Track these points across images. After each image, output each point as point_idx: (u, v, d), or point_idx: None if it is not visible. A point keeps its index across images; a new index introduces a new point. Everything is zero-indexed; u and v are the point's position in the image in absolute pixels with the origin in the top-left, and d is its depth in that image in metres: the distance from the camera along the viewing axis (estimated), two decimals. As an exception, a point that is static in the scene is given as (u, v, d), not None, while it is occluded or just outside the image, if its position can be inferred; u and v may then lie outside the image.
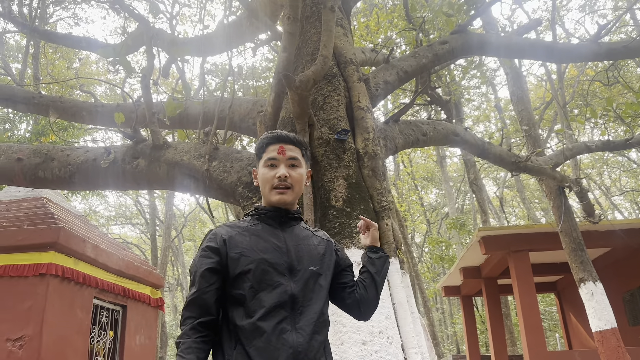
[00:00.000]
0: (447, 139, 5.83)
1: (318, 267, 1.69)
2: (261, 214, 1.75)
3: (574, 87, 20.16)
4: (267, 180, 1.74)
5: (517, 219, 32.55)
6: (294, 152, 1.78)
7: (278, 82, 4.03)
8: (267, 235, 1.68)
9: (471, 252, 11.56)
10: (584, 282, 7.40)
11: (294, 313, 1.57)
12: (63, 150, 4.80)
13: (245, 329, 1.52)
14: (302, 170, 1.79)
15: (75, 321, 4.88)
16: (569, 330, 13.96)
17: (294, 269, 1.63)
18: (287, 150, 1.76)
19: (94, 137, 25.63)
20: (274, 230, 1.71)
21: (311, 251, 1.71)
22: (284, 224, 1.74)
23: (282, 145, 1.76)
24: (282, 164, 1.74)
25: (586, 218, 8.80)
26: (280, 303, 1.55)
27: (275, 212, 1.73)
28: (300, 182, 1.77)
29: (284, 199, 1.71)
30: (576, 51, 5.45)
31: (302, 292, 1.60)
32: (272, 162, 1.75)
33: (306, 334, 1.55)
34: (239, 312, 1.56)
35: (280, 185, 1.71)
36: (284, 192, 1.71)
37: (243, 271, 1.58)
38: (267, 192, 1.74)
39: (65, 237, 4.76)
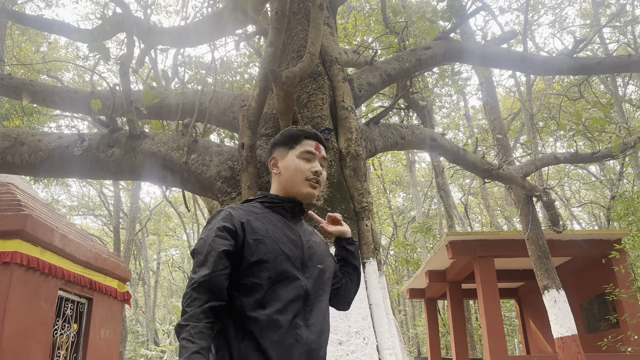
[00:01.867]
0: (425, 143, 5.89)
1: (324, 265, 1.68)
2: (275, 203, 1.70)
3: (541, 100, 20.77)
4: (301, 171, 1.71)
5: (481, 226, 33.24)
6: (325, 154, 1.82)
7: (263, 77, 3.98)
8: (283, 226, 1.65)
9: (438, 256, 11.73)
10: (548, 289, 7.60)
11: (306, 309, 1.54)
12: (34, 135, 4.63)
13: (260, 321, 1.44)
14: (325, 174, 1.82)
15: (39, 312, 4.71)
16: (527, 335, 14.33)
17: (306, 264, 1.61)
18: (322, 149, 1.79)
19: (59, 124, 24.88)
20: (287, 222, 1.68)
21: (319, 247, 1.71)
22: (294, 216, 1.72)
23: (319, 144, 1.79)
24: (317, 160, 1.76)
25: (551, 227, 9.05)
26: (296, 297, 1.52)
27: (291, 204, 1.70)
28: (324, 184, 1.85)
29: (314, 193, 1.72)
30: (553, 64, 5.59)
31: (313, 289, 1.59)
32: (309, 156, 1.74)
33: (317, 330, 1.54)
34: (250, 302, 1.48)
35: (314, 179, 1.71)
36: (316, 186, 1.72)
37: (261, 260, 1.51)
38: (297, 182, 1.70)
39: (32, 225, 4.59)
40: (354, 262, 1.85)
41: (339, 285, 1.81)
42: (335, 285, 1.80)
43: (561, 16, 21.54)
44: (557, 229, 8.79)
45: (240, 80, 13.28)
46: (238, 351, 1.42)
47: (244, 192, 3.95)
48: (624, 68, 5.78)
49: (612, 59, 5.53)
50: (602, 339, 9.51)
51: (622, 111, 18.23)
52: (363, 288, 3.72)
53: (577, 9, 22.70)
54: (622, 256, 9.37)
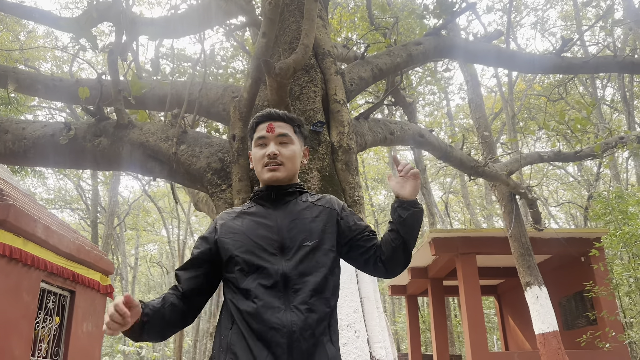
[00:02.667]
0: (413, 139, 5.91)
1: (315, 241, 1.61)
2: (255, 195, 1.73)
3: (522, 100, 21.06)
4: (257, 159, 1.70)
5: (460, 224, 33.61)
6: (284, 128, 1.72)
7: (256, 67, 3.94)
8: (259, 217, 1.66)
9: (421, 253, 11.81)
10: (530, 285, 7.71)
11: (288, 292, 1.52)
12: (18, 122, 4.51)
13: (241, 311, 1.51)
14: (294, 147, 1.73)
15: (20, 305, 4.59)
16: (506, 332, 14.54)
17: (286, 246, 1.59)
18: (276, 127, 1.71)
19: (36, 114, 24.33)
20: (266, 210, 1.68)
21: (306, 225, 1.63)
22: (277, 202, 1.69)
23: (272, 122, 1.71)
24: (271, 142, 1.69)
25: (533, 225, 9.18)
26: (272, 283, 1.52)
27: (267, 191, 1.70)
28: (292, 159, 1.70)
29: (275, 175, 1.66)
30: (541, 62, 5.65)
31: (295, 270, 1.55)
32: (262, 142, 1.71)
33: (301, 312, 1.50)
34: (235, 294, 1.57)
35: (270, 162, 1.66)
36: (276, 168, 1.66)
37: (232, 255, 1.59)
38: (259, 171, 1.70)
39: (15, 215, 4.47)
40: (401, 231, 1.60)
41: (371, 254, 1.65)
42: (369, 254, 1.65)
43: (543, 17, 21.85)
44: (539, 226, 8.93)
45: (224, 74, 13.16)
46: (227, 340, 1.52)
47: (234, 184, 3.91)
48: (609, 68, 5.88)
49: (598, 59, 5.62)
50: (580, 335, 9.70)
51: (601, 113, 18.60)
52: (354, 281, 3.72)
53: (558, 11, 23.06)
54: (601, 254, 9.56)
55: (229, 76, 12.40)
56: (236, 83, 10.67)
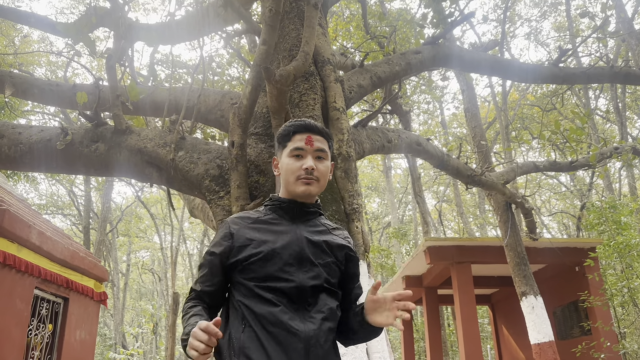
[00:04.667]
0: (410, 147, 5.91)
1: (327, 260, 1.63)
2: (275, 205, 1.68)
3: (515, 110, 21.19)
4: (292, 171, 1.64)
5: (453, 233, 33.67)
6: (322, 143, 1.69)
7: (256, 74, 3.93)
8: (277, 225, 1.64)
9: (415, 261, 11.79)
10: (526, 295, 7.70)
11: (304, 303, 1.54)
12: (14, 127, 4.47)
13: (256, 313, 1.50)
14: (328, 162, 1.70)
15: (13, 312, 4.51)
16: (500, 342, 14.51)
17: (304, 259, 1.58)
18: (315, 141, 1.67)
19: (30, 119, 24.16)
20: (284, 222, 1.65)
21: (322, 246, 1.64)
22: (297, 217, 1.66)
23: (310, 135, 1.67)
24: (309, 155, 1.65)
25: (527, 234, 9.20)
26: (289, 293, 1.53)
27: (290, 205, 1.66)
28: (326, 176, 1.68)
29: (309, 190, 1.63)
30: (537, 72, 5.68)
31: (310, 282, 1.56)
32: (298, 153, 1.66)
33: (317, 321, 1.53)
34: (248, 298, 1.55)
35: (306, 176, 1.63)
36: (310, 182, 1.63)
37: (251, 263, 1.56)
38: (291, 183, 1.65)
39: (9, 221, 4.41)
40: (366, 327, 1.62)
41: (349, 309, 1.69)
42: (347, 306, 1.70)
43: (537, 28, 22.07)
44: (534, 236, 8.94)
45: (220, 81, 13.15)
46: (238, 343, 1.49)
47: (233, 191, 3.88)
48: (605, 78, 5.92)
49: (596, 69, 5.65)
50: (574, 345, 9.70)
51: (594, 123, 18.74)
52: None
53: (552, 22, 23.28)
54: (596, 264, 9.58)
55: (224, 83, 12.37)
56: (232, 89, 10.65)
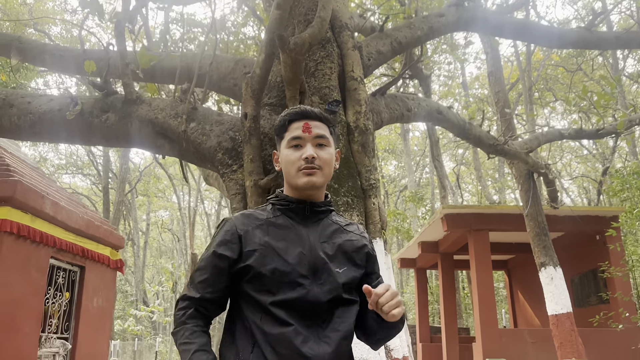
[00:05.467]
0: (431, 116, 5.70)
1: (345, 268, 1.48)
2: (283, 205, 1.52)
3: (539, 71, 20.48)
4: (291, 162, 1.49)
5: (471, 196, 33.40)
6: (321, 129, 1.52)
7: (269, 42, 3.73)
8: (288, 232, 1.48)
9: (432, 228, 11.69)
10: (545, 266, 7.58)
11: (318, 320, 1.40)
12: (24, 96, 4.36)
13: (266, 333, 1.36)
14: (331, 149, 1.54)
15: (30, 281, 4.54)
16: (515, 307, 14.52)
17: (318, 269, 1.44)
18: (313, 127, 1.51)
19: (47, 79, 24.14)
20: (296, 226, 1.49)
21: (339, 250, 1.50)
22: (309, 219, 1.52)
23: (307, 121, 1.51)
24: (308, 143, 1.50)
25: (549, 203, 8.99)
26: (303, 309, 1.39)
27: (299, 205, 1.51)
28: (330, 164, 1.52)
29: (312, 181, 1.47)
30: (565, 36, 5.36)
31: (326, 296, 1.42)
32: (296, 142, 1.51)
33: (333, 342, 1.38)
34: (257, 314, 1.41)
35: (308, 166, 1.47)
36: (313, 172, 1.47)
37: (260, 272, 1.40)
38: (292, 175, 1.50)
39: (22, 191, 4.37)
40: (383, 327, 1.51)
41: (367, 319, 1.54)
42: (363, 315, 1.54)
43: (565, -15, 21.05)
44: (556, 205, 8.73)
45: (234, 41, 12.84)
46: None
47: (246, 165, 3.76)
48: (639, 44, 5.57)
49: (630, 34, 5.31)
50: (591, 313, 9.61)
51: (621, 86, 18.07)
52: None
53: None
54: (618, 233, 9.38)
55: (239, 42, 12.03)
56: (247, 50, 10.36)
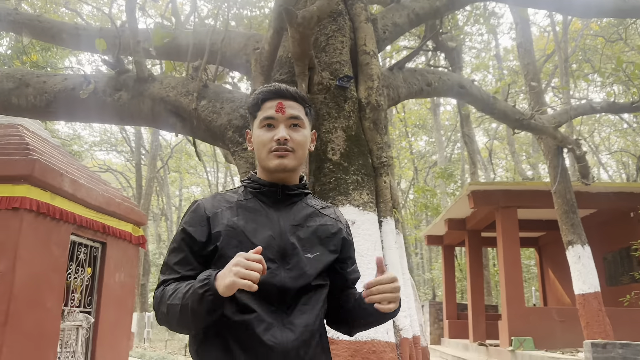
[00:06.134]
0: (452, 90, 5.51)
1: (317, 253, 1.42)
2: (254, 189, 1.47)
3: (577, 41, 19.59)
4: (263, 143, 1.43)
5: (504, 171, 32.70)
6: (296, 109, 1.46)
7: (278, 16, 3.64)
8: (258, 215, 1.42)
9: (458, 205, 11.51)
10: (573, 244, 7.36)
11: (283, 305, 1.35)
12: (39, 76, 4.41)
13: (229, 319, 1.31)
14: (305, 131, 1.47)
15: (50, 258, 4.66)
16: (545, 285, 14.26)
17: (287, 254, 1.38)
18: (287, 107, 1.44)
19: (79, 58, 24.54)
20: (267, 209, 1.44)
21: (313, 234, 1.44)
22: (281, 202, 1.46)
23: (281, 101, 1.44)
24: (281, 124, 1.43)
25: (579, 179, 8.68)
26: (268, 294, 1.33)
27: (271, 189, 1.45)
28: (303, 146, 1.46)
29: (284, 163, 1.41)
30: (601, 6, 5.07)
31: (294, 282, 1.36)
32: (269, 122, 1.44)
33: (297, 329, 1.33)
34: None
35: (279, 148, 1.41)
36: (285, 154, 1.41)
37: (226, 253, 1.34)
38: (263, 157, 1.44)
39: (40, 170, 4.45)
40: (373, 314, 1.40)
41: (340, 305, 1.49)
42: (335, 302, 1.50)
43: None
44: (587, 181, 8.41)
45: (260, 16, 12.70)
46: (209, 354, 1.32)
47: (256, 142, 3.72)
48: (679, 11, 5.22)
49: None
50: (623, 293, 9.33)
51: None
52: (379, 248, 3.54)
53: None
54: (654, 211, 9.02)
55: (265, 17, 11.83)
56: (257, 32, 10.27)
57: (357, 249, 3.44)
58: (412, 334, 3.59)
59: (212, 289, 1.20)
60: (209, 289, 1.20)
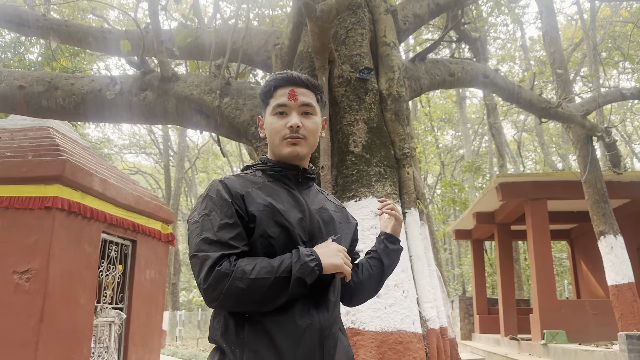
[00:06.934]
0: (476, 80, 5.45)
1: (338, 235, 1.46)
2: (275, 171, 1.48)
3: (606, 29, 19.08)
4: (276, 130, 1.45)
5: (534, 164, 32.07)
6: (308, 97, 1.47)
7: (297, 11, 3.66)
8: (287, 196, 1.44)
9: (486, 198, 11.34)
10: (604, 234, 7.19)
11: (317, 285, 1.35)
12: (67, 78, 4.53)
13: None
14: (317, 118, 1.49)
15: (82, 255, 4.80)
16: (578, 278, 13.95)
17: (314, 236, 1.41)
18: (299, 94, 1.45)
19: (107, 63, 25.10)
20: (292, 192, 1.46)
21: (329, 217, 1.49)
22: (301, 185, 1.49)
23: (294, 88, 1.45)
24: (293, 111, 1.45)
25: (611, 168, 8.47)
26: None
27: (292, 171, 1.47)
28: (315, 133, 1.48)
29: (296, 150, 1.43)
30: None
31: None
32: (281, 109, 1.45)
33: (331, 307, 1.38)
34: None
35: (292, 136, 1.43)
36: (297, 142, 1.43)
37: (265, 235, 1.33)
38: (276, 144, 1.46)
39: (71, 170, 4.58)
40: (384, 260, 1.60)
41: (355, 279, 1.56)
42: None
43: None
44: (618, 170, 8.21)
45: (282, 15, 12.76)
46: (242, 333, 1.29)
47: (278, 137, 3.75)
48: None
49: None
50: (659, 285, 9.07)
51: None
52: (404, 239, 3.53)
53: None
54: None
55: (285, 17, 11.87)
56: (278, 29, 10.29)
57: (381, 240, 3.44)
58: (440, 325, 3.57)
59: (320, 265, 1.26)
60: (317, 264, 1.26)
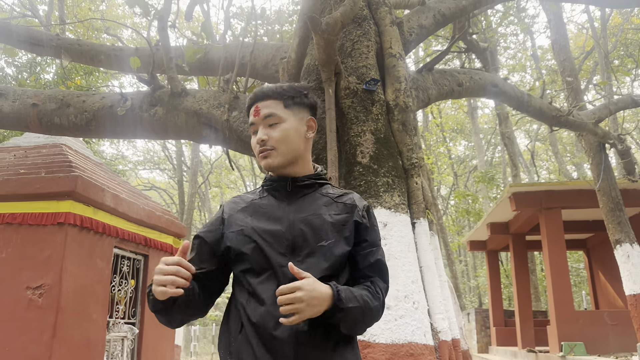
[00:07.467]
0: (485, 90, 5.44)
1: (332, 241, 1.43)
2: (267, 185, 1.54)
3: (617, 36, 18.96)
4: (253, 147, 1.53)
5: (549, 173, 31.76)
6: (270, 107, 1.50)
7: (302, 25, 3.70)
8: (271, 209, 1.48)
9: (500, 208, 11.24)
10: (620, 243, 7.07)
11: None
12: (79, 96, 4.61)
13: (248, 315, 1.38)
14: (285, 125, 1.49)
15: (95, 270, 4.84)
16: (596, 288, 13.70)
17: (297, 246, 1.42)
18: (261, 108, 1.50)
19: (121, 81, 25.47)
20: (278, 203, 1.49)
21: (321, 223, 1.45)
22: (293, 194, 1.51)
23: (257, 104, 1.52)
24: (259, 126, 1.51)
25: (625, 176, 8.35)
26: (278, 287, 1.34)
27: (281, 182, 1.51)
28: (285, 140, 1.48)
29: (268, 162, 1.47)
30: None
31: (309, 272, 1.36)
32: (253, 128, 1.53)
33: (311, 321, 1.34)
34: (244, 294, 1.43)
35: (262, 149, 1.49)
36: (267, 154, 1.47)
37: (241, 252, 1.43)
38: (258, 161, 1.54)
39: (82, 186, 4.64)
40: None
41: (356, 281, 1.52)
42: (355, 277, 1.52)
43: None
44: (633, 177, 8.10)
45: (290, 30, 12.90)
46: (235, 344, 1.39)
47: (286, 149, 3.77)
48: None
49: None
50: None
51: None
52: (412, 250, 3.51)
53: None
54: None
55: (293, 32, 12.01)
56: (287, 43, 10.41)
57: (390, 251, 3.43)
58: (452, 337, 3.53)
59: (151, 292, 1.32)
60: (150, 291, 1.34)
